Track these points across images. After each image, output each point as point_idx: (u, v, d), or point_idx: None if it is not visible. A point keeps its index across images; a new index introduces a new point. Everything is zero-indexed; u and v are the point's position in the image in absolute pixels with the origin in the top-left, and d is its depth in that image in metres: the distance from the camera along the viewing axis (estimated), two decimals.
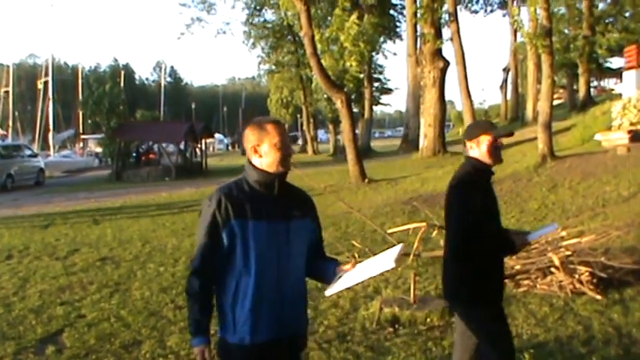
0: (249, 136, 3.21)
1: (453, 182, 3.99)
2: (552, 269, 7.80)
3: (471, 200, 3.80)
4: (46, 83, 63.42)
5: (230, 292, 3.13)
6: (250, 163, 3.24)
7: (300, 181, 16.35)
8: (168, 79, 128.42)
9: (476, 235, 3.77)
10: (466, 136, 4.05)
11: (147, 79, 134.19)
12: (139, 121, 44.12)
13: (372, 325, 6.82)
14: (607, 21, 31.92)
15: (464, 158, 4.11)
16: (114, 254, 11.94)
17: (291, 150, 3.24)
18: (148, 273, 10.12)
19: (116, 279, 9.76)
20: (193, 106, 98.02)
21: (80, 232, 14.96)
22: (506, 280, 8.13)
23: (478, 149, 3.97)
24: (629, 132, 17.83)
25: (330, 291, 3.23)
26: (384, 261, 3.13)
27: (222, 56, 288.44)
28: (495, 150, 3.96)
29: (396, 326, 6.74)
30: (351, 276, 3.19)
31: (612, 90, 48.48)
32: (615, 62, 46.74)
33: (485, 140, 3.95)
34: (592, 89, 43.24)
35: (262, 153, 3.18)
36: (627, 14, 33.44)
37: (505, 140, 4.16)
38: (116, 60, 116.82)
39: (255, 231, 3.08)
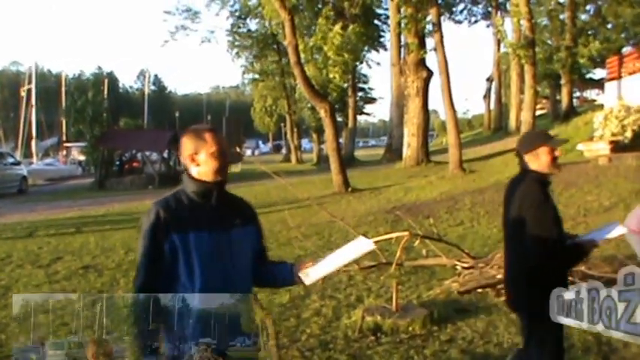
0: (186, 144, 3.19)
1: (526, 202, 3.97)
2: None
3: (549, 217, 3.87)
4: (29, 90, 63.04)
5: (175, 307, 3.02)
6: (187, 173, 3.20)
7: (284, 190, 16.48)
8: (152, 87, 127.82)
9: (557, 249, 3.84)
10: (523, 149, 4.05)
11: (130, 87, 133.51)
12: (123, 129, 43.95)
13: (354, 334, 6.85)
14: (589, 32, 32.24)
15: (521, 171, 4.15)
16: (97, 262, 11.90)
17: (228, 159, 3.21)
18: (131, 281, 10.06)
19: (99, 287, 9.75)
20: (177, 114, 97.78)
21: (63, 241, 14.89)
22: (488, 290, 8.20)
23: (537, 161, 4.01)
24: (611, 142, 18.01)
25: (311, 279, 3.27)
26: (360, 245, 3.21)
27: (206, 65, 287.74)
28: (555, 160, 4.02)
29: (378, 335, 6.77)
30: (328, 262, 3.22)
31: (594, 100, 48.89)
32: (597, 73, 47.24)
33: (544, 152, 3.99)
34: (574, 100, 43.53)
35: (200, 162, 3.14)
36: (609, 25, 33.80)
37: (488, 150, 4.22)
38: (100, 68, 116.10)
39: (197, 243, 3.04)
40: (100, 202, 25.55)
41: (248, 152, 75.11)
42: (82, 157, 50.18)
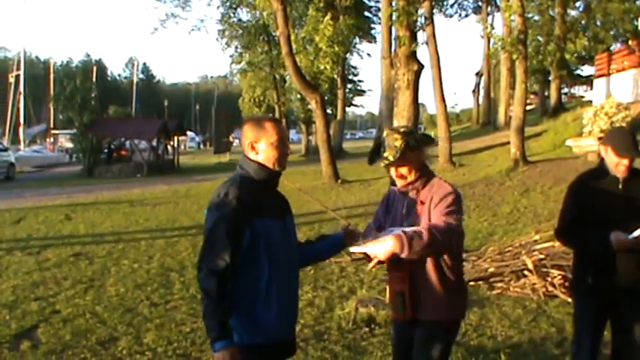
0: (247, 132, 3.20)
1: None
2: (526, 272, 7.90)
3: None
4: (17, 77, 62.53)
5: (253, 292, 3.08)
6: (251, 159, 3.21)
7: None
8: (141, 75, 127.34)
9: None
10: None
11: (119, 75, 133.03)
12: (112, 117, 43.75)
13: (348, 325, 6.84)
14: (579, 29, 32.24)
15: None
16: (87, 250, 11.83)
17: (288, 149, 3.24)
18: (122, 269, 10.05)
19: (90, 275, 9.68)
20: (166, 103, 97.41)
21: (52, 228, 14.79)
22: (481, 283, 8.22)
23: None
24: (600, 139, 18.04)
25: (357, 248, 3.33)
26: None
27: (194, 54, 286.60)
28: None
29: (372, 326, 6.77)
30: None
31: (583, 97, 49.01)
32: (586, 70, 47.36)
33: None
34: (563, 96, 43.59)
35: (259, 150, 3.18)
36: (598, 23, 33.84)
37: (476, 144, 4.31)
38: (88, 55, 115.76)
39: (271, 228, 3.10)
40: (89, 189, 25.39)
41: (236, 142, 74.78)
42: (69, 145, 49.90)
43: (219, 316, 2.93)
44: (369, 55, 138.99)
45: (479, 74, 54.11)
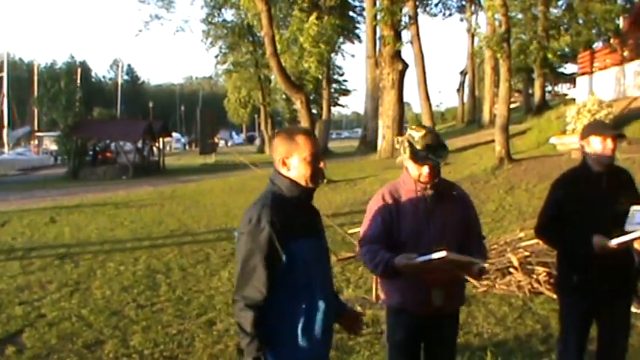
0: (278, 146, 3.02)
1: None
2: (511, 270, 7.93)
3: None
4: (0, 79, 62.09)
5: (290, 318, 2.94)
6: (280, 173, 3.04)
7: (260, 181, 16.35)
8: (126, 77, 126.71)
9: None
10: None
11: (104, 77, 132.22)
12: (97, 119, 43.52)
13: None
14: (561, 27, 32.39)
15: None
16: (72, 253, 11.76)
17: (321, 165, 3.05)
18: (108, 272, 10.00)
19: (75, 278, 9.63)
20: (151, 104, 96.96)
21: (37, 231, 14.69)
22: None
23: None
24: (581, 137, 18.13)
25: None
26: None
27: (179, 55, 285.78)
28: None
29: None
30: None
31: (566, 95, 49.22)
32: (569, 68, 47.60)
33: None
34: (547, 94, 43.77)
35: (291, 166, 3.00)
36: (580, 21, 34.03)
37: (461, 143, 4.34)
38: (72, 57, 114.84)
39: (308, 249, 2.95)
40: (74, 192, 25.25)
41: (221, 143, 74.58)
42: (54, 147, 49.60)
43: (253, 353, 2.83)
44: (353, 55, 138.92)
45: (463, 73, 54.32)
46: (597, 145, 4.10)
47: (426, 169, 3.61)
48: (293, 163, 2.98)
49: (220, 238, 12.94)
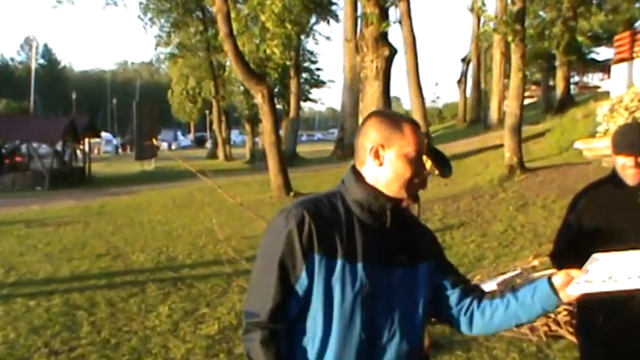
0: (373, 130, 2.71)
1: None
2: None
3: None
4: None
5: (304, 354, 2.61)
6: (356, 172, 2.74)
7: (210, 194, 16.38)
8: (41, 60, 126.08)
9: None
10: None
11: (12, 59, 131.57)
12: (4, 113, 43.15)
13: None
14: (592, 1, 32.16)
15: None
16: None
17: (425, 171, 2.81)
18: (14, 309, 9.84)
19: None
20: (74, 96, 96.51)
21: None
22: None
23: None
24: None
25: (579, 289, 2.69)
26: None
27: (110, 34, 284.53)
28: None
29: None
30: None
31: (598, 87, 49.39)
32: (602, 53, 47.64)
33: None
34: (572, 86, 44.06)
35: (386, 159, 2.67)
36: None
37: (462, 147, 4.29)
38: None
39: (344, 275, 2.57)
40: None
41: (164, 145, 74.33)
42: None
43: None
44: (328, 38, 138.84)
45: (466, 60, 54.57)
46: (618, 160, 4.05)
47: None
48: (389, 156, 2.67)
49: (160, 265, 12.83)
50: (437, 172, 3.64)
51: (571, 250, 4.14)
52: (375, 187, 2.66)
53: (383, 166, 2.65)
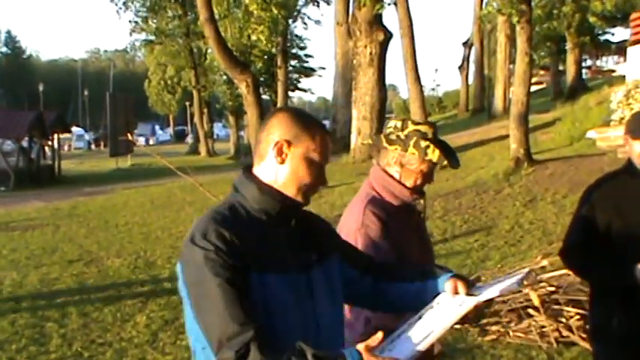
0: (282, 125, 2.73)
1: None
2: (530, 311, 7.93)
3: None
4: None
5: None
6: (249, 176, 2.77)
7: (192, 193, 16.44)
8: (4, 49, 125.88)
9: None
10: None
11: None
12: None
13: None
14: None
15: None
16: None
17: (325, 180, 2.79)
18: None
19: None
20: (41, 87, 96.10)
21: None
22: (469, 326, 8.23)
23: None
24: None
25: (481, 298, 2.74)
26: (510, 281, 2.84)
27: (80, 20, 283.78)
28: None
29: None
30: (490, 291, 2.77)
31: (612, 71, 49.32)
32: (617, 34, 47.59)
33: None
34: (584, 70, 44.00)
35: (289, 158, 2.70)
36: None
37: (465, 139, 4.29)
38: None
39: (275, 287, 2.62)
40: None
41: (141, 140, 74.14)
42: None
43: None
44: (318, 22, 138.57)
45: (468, 44, 54.50)
46: (634, 148, 4.03)
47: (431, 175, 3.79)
48: (294, 154, 2.69)
49: (137, 270, 12.82)
50: (445, 162, 3.64)
51: (583, 247, 4.15)
52: (273, 186, 2.71)
53: (284, 165, 2.70)
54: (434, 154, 3.61)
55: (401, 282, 3.01)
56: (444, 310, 2.72)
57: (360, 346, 2.46)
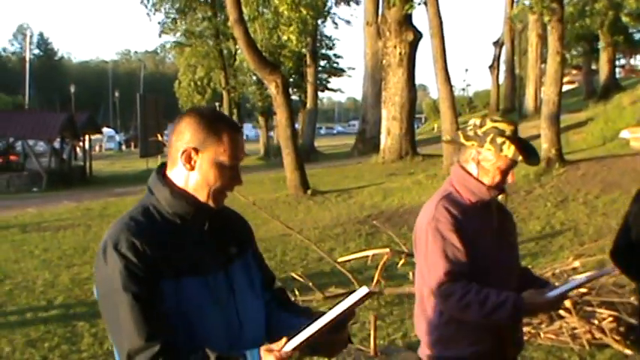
0: (187, 132, 2.71)
1: None
2: (562, 312, 7.88)
3: None
4: None
5: None
6: (162, 178, 2.79)
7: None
8: (36, 51, 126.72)
9: None
10: None
11: (4, 49, 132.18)
12: None
13: None
14: None
15: None
16: None
17: (239, 180, 2.78)
18: (10, 321, 9.91)
19: None
20: (73, 89, 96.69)
21: None
22: None
23: None
24: None
25: (291, 345, 2.64)
26: (355, 295, 2.65)
27: (112, 22, 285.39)
28: None
29: None
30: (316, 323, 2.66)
31: None
32: None
33: None
34: (618, 69, 43.64)
35: (197, 165, 2.70)
36: None
37: None
38: None
39: (191, 290, 2.64)
40: None
41: None
42: None
43: None
44: (348, 22, 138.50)
45: (498, 44, 54.31)
46: None
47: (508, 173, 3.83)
48: (202, 160, 2.69)
49: None
50: (520, 158, 3.67)
51: (634, 248, 4.12)
52: (186, 190, 2.72)
53: (194, 171, 2.70)
54: (509, 150, 3.65)
55: (289, 312, 2.99)
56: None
57: (262, 347, 2.55)
